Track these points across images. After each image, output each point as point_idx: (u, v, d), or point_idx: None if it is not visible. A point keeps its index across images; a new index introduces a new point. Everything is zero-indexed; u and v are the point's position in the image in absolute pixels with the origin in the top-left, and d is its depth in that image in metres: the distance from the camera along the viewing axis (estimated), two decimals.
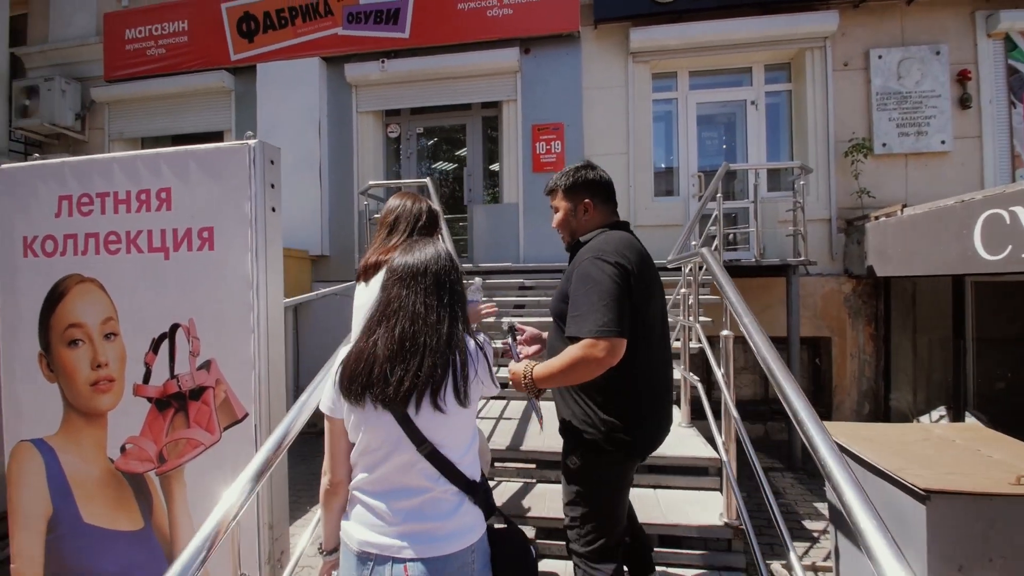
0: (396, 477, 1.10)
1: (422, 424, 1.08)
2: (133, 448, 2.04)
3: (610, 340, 1.34)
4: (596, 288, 1.39)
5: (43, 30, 7.19)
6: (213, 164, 1.91)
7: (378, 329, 1.12)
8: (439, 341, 1.09)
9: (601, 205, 1.66)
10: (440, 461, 1.10)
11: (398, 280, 1.14)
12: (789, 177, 5.52)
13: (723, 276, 1.86)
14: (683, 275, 2.76)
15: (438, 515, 1.10)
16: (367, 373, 1.08)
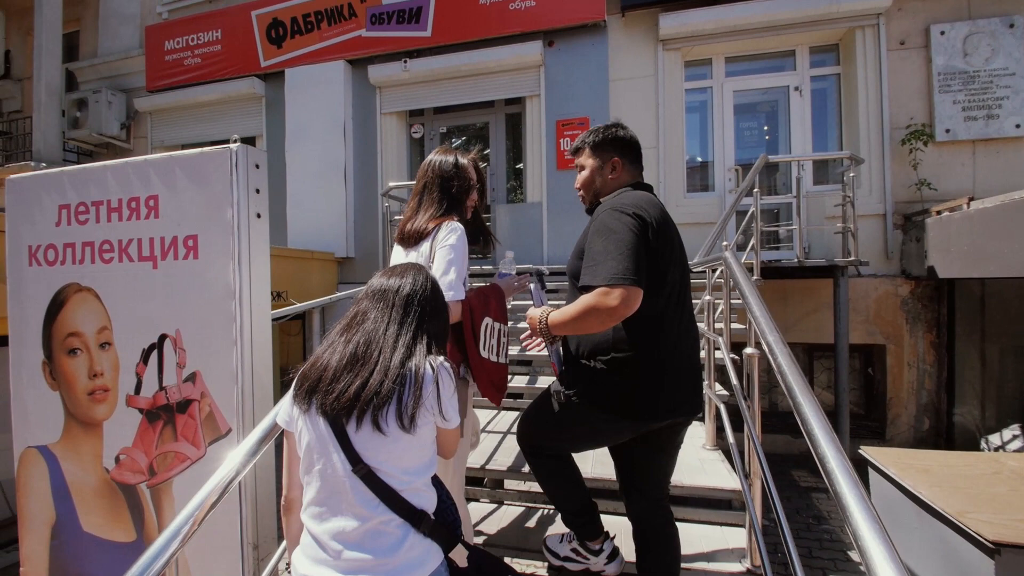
0: (334, 501, 1.03)
1: (359, 444, 1.02)
2: (126, 459, 2.01)
3: (625, 288, 1.27)
4: (613, 237, 1.33)
5: (93, 45, 7.60)
6: (196, 170, 1.84)
7: (339, 339, 1.11)
8: (392, 359, 1.05)
9: (629, 165, 1.61)
10: (378, 485, 1.02)
11: (369, 295, 1.16)
12: (838, 169, 5.06)
13: (747, 285, 1.63)
14: (708, 281, 2.50)
15: (381, 549, 1.00)
16: (316, 378, 1.06)
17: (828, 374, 5.21)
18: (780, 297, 4.90)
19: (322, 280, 5.97)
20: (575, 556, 1.78)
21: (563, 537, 1.87)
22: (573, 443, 1.66)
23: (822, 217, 4.92)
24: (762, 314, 1.46)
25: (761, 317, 1.44)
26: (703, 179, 5.76)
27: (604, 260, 1.32)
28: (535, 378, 3.36)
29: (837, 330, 4.32)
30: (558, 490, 1.72)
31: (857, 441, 4.74)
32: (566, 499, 1.74)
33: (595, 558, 1.74)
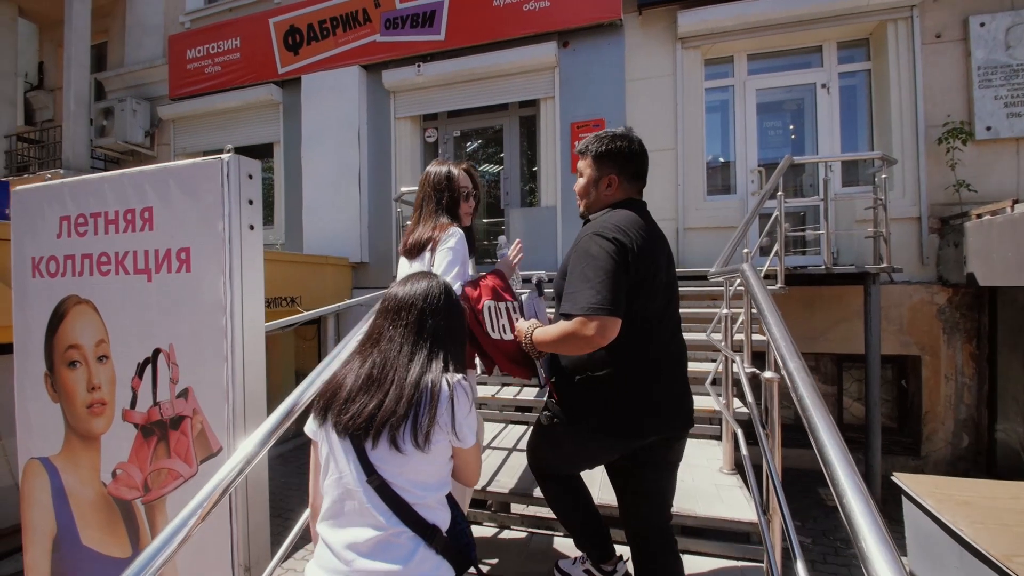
0: (348, 511, 1.06)
1: (374, 457, 1.05)
2: (122, 474, 1.98)
3: (600, 319, 1.29)
4: (592, 264, 1.35)
5: (120, 55, 7.81)
6: (188, 182, 1.80)
7: (356, 358, 1.14)
8: (408, 378, 1.06)
9: (627, 183, 1.57)
10: (390, 497, 1.04)
11: (383, 312, 1.17)
12: (868, 170, 4.81)
13: (766, 302, 1.49)
14: (725, 293, 2.35)
15: (391, 560, 1.01)
16: (332, 396, 1.09)
17: (858, 385, 4.95)
18: (806, 305, 4.67)
19: (336, 285, 5.98)
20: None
21: (575, 560, 1.85)
22: (571, 463, 1.64)
23: (852, 221, 4.67)
24: (782, 335, 1.32)
25: (781, 339, 1.31)
26: (724, 181, 5.55)
27: (582, 288, 1.33)
28: (544, 391, 3.24)
29: (868, 340, 4.09)
30: (569, 513, 1.72)
31: (889, 458, 4.49)
32: (577, 522, 1.72)
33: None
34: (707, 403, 2.67)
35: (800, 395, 1.12)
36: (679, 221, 5.17)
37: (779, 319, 1.37)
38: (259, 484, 1.87)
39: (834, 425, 1.01)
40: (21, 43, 8.07)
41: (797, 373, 1.18)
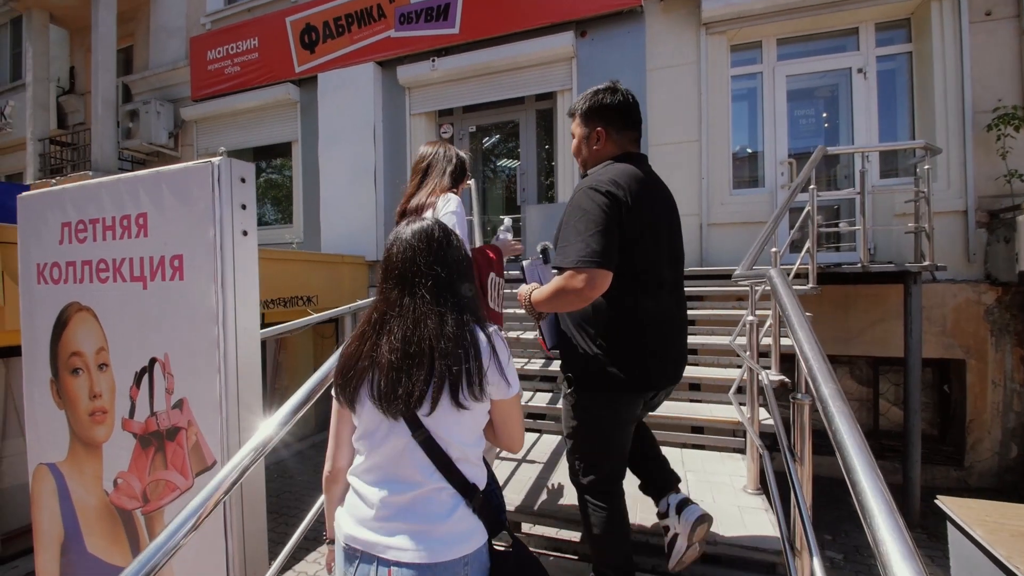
0: (389, 465, 1.03)
1: (424, 417, 1.00)
2: (123, 483, 1.96)
3: (589, 272, 1.31)
4: (584, 218, 1.35)
5: (145, 58, 7.97)
6: (180, 187, 1.74)
7: (373, 334, 1.04)
8: (445, 341, 1.00)
9: (615, 134, 1.55)
10: (436, 452, 1.01)
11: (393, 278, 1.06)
12: (909, 160, 4.48)
13: (796, 313, 1.33)
14: (751, 297, 2.17)
15: (430, 516, 1.00)
16: (369, 383, 1.01)
17: (896, 389, 4.66)
18: (840, 305, 4.40)
19: (353, 284, 5.96)
20: None
21: None
22: (610, 442, 1.56)
23: (890, 215, 4.37)
24: (814, 354, 1.17)
25: (813, 359, 1.15)
26: (752, 174, 5.29)
27: (574, 241, 1.34)
28: (558, 395, 3.12)
29: (908, 343, 3.82)
30: (603, 537, 1.58)
31: (930, 468, 4.21)
32: (609, 550, 1.59)
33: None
34: (730, 413, 2.51)
35: (835, 428, 0.97)
36: (703, 216, 4.94)
37: (810, 334, 1.21)
38: (255, 492, 1.81)
39: (878, 473, 0.86)
40: (53, 49, 8.31)
41: (832, 401, 1.03)
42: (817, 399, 1.08)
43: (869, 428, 4.67)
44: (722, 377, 2.82)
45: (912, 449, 3.80)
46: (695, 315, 3.57)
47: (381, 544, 0.98)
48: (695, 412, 2.71)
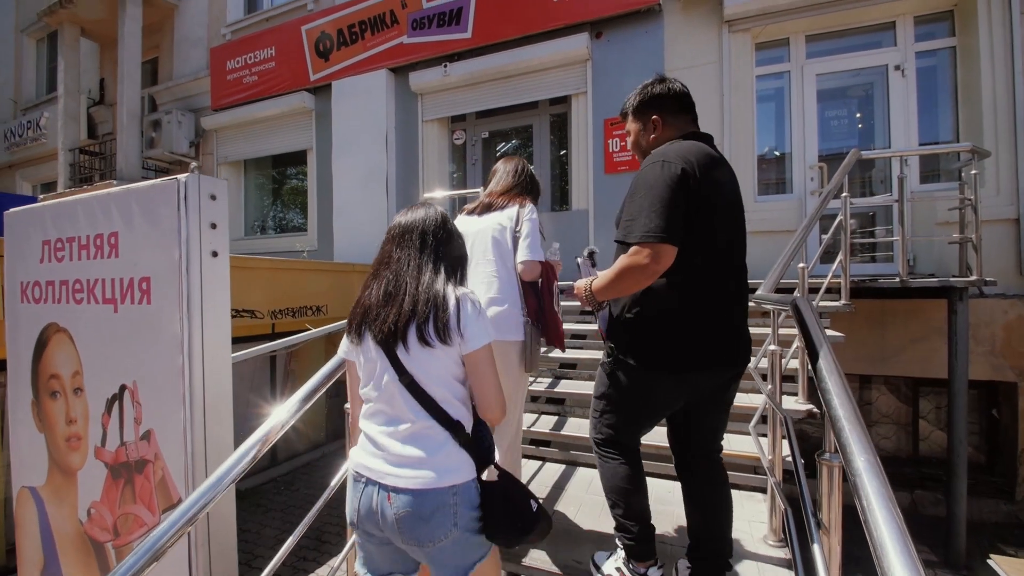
0: (385, 407, 1.22)
1: (404, 359, 1.18)
2: (95, 514, 1.87)
3: (653, 246, 1.31)
4: (649, 193, 1.35)
5: (169, 69, 8.14)
6: (149, 205, 1.64)
7: (373, 281, 1.28)
8: (419, 287, 1.20)
9: (671, 118, 1.56)
10: (420, 394, 1.18)
11: (391, 239, 1.30)
12: (953, 164, 4.13)
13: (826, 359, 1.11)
14: (773, 321, 1.94)
15: (423, 449, 1.16)
16: (363, 315, 1.24)
17: (939, 412, 4.29)
18: (877, 321, 4.07)
19: None
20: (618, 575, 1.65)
21: (609, 554, 1.75)
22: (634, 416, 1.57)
23: (932, 224, 4.03)
24: (847, 414, 0.95)
25: (846, 421, 0.94)
26: (779, 178, 4.99)
27: (638, 216, 1.34)
28: (565, 420, 2.94)
29: (952, 364, 3.48)
30: (621, 493, 1.60)
31: (976, 501, 3.84)
32: (627, 505, 1.60)
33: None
34: (750, 447, 2.28)
35: (872, 521, 0.77)
36: None
37: (843, 388, 1.00)
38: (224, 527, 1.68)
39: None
40: (84, 62, 8.57)
41: (869, 480, 0.82)
42: (850, 472, 0.88)
43: (908, 454, 4.31)
44: (743, 404, 2.58)
45: (957, 481, 3.45)
46: None
47: (382, 471, 1.17)
48: None
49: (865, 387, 4.54)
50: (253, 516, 4.21)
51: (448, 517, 1.13)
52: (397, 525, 1.13)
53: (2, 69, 10.30)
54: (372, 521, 1.17)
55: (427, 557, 1.18)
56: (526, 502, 1.24)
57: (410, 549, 1.17)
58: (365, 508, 1.18)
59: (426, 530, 1.12)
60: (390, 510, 1.13)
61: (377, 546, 1.22)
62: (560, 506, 2.25)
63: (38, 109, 9.47)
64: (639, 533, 1.58)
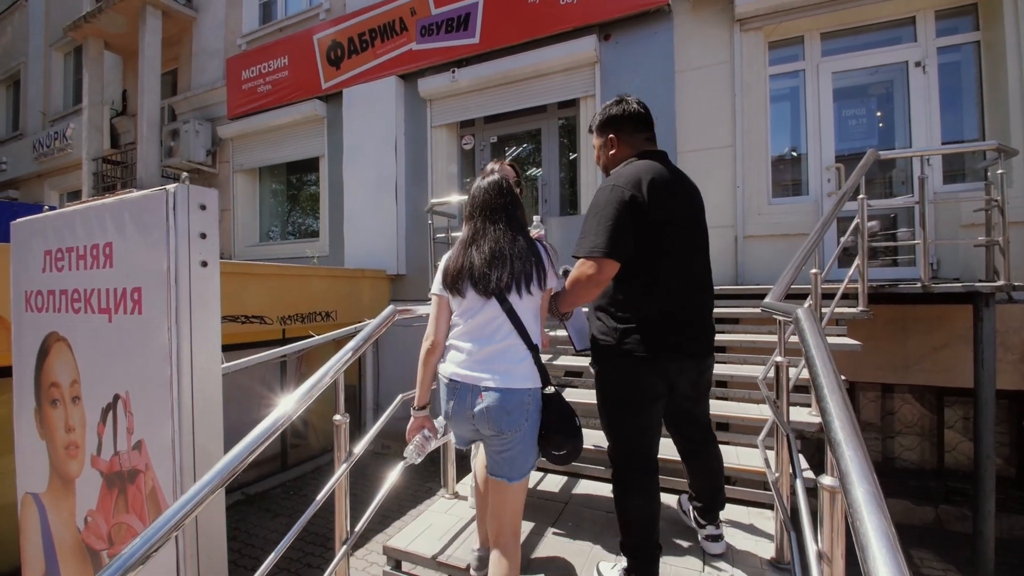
0: (481, 330, 1.51)
1: (512, 299, 1.50)
2: (92, 522, 1.88)
3: (597, 260, 1.52)
4: (598, 214, 1.55)
5: (188, 80, 8.33)
6: (140, 214, 1.64)
7: (471, 248, 1.55)
8: (520, 250, 1.52)
9: (627, 137, 1.73)
10: (515, 320, 1.50)
11: (477, 216, 1.59)
12: (978, 163, 3.96)
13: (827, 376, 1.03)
14: (780, 333, 1.85)
15: (510, 360, 1.49)
16: (468, 276, 1.52)
17: (966, 422, 4.09)
18: (898, 327, 3.91)
19: (373, 298, 5.92)
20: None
21: (614, 564, 1.77)
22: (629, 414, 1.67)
23: (956, 226, 3.86)
24: (848, 436, 0.88)
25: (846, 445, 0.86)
26: (794, 180, 4.85)
27: (587, 234, 1.55)
28: None
29: (979, 373, 3.31)
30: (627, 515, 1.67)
31: (1005, 517, 3.65)
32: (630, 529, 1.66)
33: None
34: (757, 461, 2.18)
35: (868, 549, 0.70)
36: (738, 228, 4.56)
37: (844, 408, 0.92)
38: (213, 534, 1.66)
39: None
40: (108, 74, 8.84)
41: (867, 509, 0.75)
42: (848, 502, 0.81)
43: (932, 467, 4.12)
44: (754, 416, 2.48)
45: (985, 496, 3.27)
46: (726, 341, 3.22)
47: (477, 376, 1.48)
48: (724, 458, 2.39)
49: (887, 396, 4.36)
50: (262, 521, 4.23)
51: (523, 413, 1.47)
52: (487, 414, 1.45)
53: (33, 84, 10.69)
54: (463, 415, 1.50)
55: (503, 446, 1.49)
56: (573, 414, 1.57)
57: (492, 439, 1.50)
58: (460, 406, 1.50)
59: (508, 420, 1.45)
60: (481, 404, 1.46)
61: (467, 432, 1.57)
62: (560, 522, 2.18)
63: (64, 120, 9.80)
64: (646, 555, 1.61)
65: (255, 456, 1.32)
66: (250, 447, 1.31)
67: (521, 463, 1.50)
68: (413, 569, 2.02)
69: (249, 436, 1.33)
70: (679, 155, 4.65)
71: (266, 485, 4.87)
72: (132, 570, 0.99)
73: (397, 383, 5.82)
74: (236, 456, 1.28)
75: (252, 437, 1.32)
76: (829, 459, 1.03)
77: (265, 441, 1.33)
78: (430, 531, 2.09)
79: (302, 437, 5.52)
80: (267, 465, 5.00)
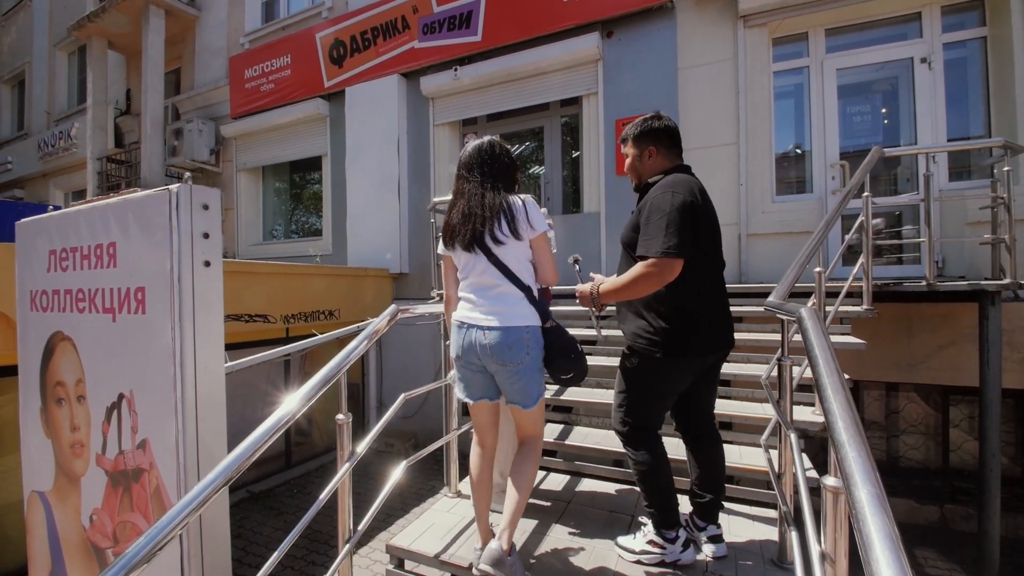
0: (479, 280, 1.75)
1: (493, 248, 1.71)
2: (97, 520, 1.89)
3: (669, 260, 1.61)
4: (665, 216, 1.64)
5: (191, 79, 8.35)
6: (143, 215, 1.65)
7: (454, 209, 1.79)
8: (483, 206, 1.71)
9: (664, 151, 1.89)
10: (502, 267, 1.71)
11: (459, 176, 1.81)
12: (984, 161, 3.93)
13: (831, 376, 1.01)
14: (783, 333, 1.83)
15: (505, 303, 1.71)
16: (451, 232, 1.77)
17: (971, 421, 4.07)
18: (903, 326, 3.89)
19: (376, 297, 5.93)
20: (651, 548, 1.83)
21: (635, 535, 1.91)
22: (654, 400, 1.84)
23: (962, 224, 3.83)
24: (851, 438, 0.87)
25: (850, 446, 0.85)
26: (798, 177, 4.82)
27: (656, 235, 1.64)
28: (571, 429, 2.87)
29: (984, 372, 3.29)
30: (650, 474, 1.82)
31: (1011, 517, 3.63)
32: (660, 485, 1.82)
33: (671, 547, 1.81)
34: (760, 460, 2.17)
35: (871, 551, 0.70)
36: (741, 227, 4.54)
37: (848, 408, 0.92)
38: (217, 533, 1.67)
39: None
40: (112, 73, 8.87)
41: (870, 510, 0.75)
42: (851, 504, 0.80)
43: (937, 466, 4.10)
44: (758, 416, 2.47)
45: (990, 497, 3.26)
46: None
47: (480, 318, 1.71)
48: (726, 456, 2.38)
49: (892, 394, 4.34)
50: (266, 519, 4.25)
51: (523, 347, 1.68)
52: (491, 350, 1.67)
53: (38, 83, 10.73)
54: (472, 352, 1.72)
55: (510, 378, 1.71)
56: (573, 343, 1.76)
57: (498, 371, 1.71)
58: (468, 344, 1.72)
59: (510, 354, 1.67)
60: (484, 341, 1.67)
61: (473, 374, 1.77)
62: (563, 520, 2.19)
63: (69, 120, 9.84)
64: (668, 503, 1.82)
65: (258, 455, 1.33)
66: (253, 446, 1.32)
67: (531, 390, 1.73)
68: (416, 568, 2.02)
69: (252, 436, 1.33)
70: (683, 153, 4.62)
71: (271, 483, 4.90)
72: (136, 568, 1.00)
73: (401, 380, 5.83)
74: (239, 455, 1.28)
75: (255, 437, 1.33)
76: (832, 459, 1.03)
77: (268, 441, 1.33)
78: (433, 530, 2.10)
79: (306, 435, 5.54)
80: (271, 463, 5.02)
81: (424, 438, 5.58)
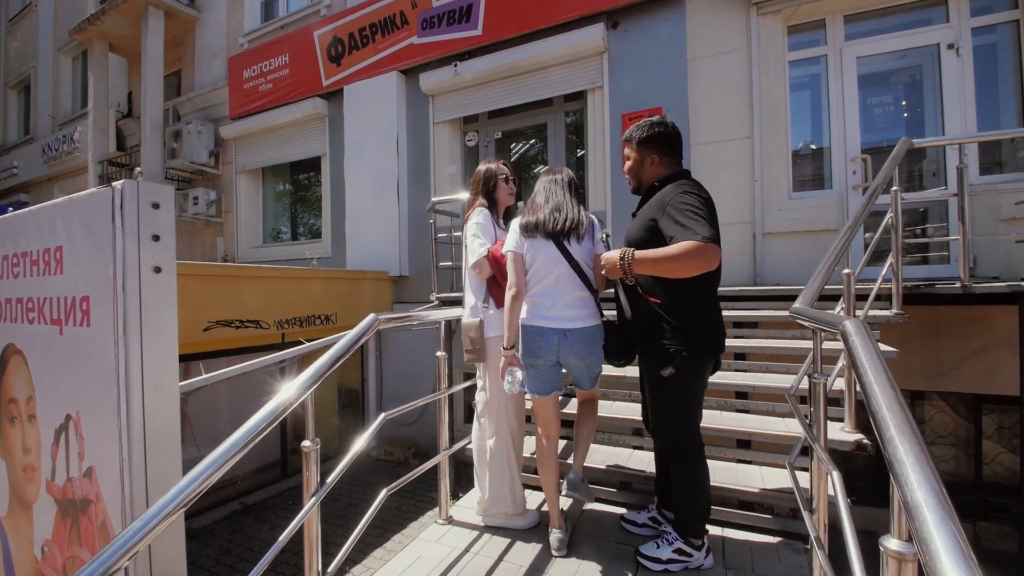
0: (555, 284, 1.95)
1: (570, 250, 1.95)
2: (48, 552, 1.72)
3: (717, 248, 1.59)
4: (702, 209, 1.65)
5: (191, 80, 8.25)
6: (88, 216, 1.47)
7: (544, 206, 2.01)
8: (575, 208, 2.00)
9: (666, 158, 1.92)
10: (580, 273, 1.95)
11: (550, 182, 2.08)
12: (1019, 152, 3.65)
13: (892, 406, 0.80)
14: (815, 346, 1.59)
15: (584, 307, 1.97)
16: (536, 222, 1.97)
17: (1003, 433, 3.79)
18: (931, 330, 3.63)
19: (375, 300, 5.75)
20: (679, 556, 1.84)
21: (658, 544, 1.90)
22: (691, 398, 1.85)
23: (995, 220, 3.56)
24: (930, 499, 0.65)
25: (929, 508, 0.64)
26: (816, 173, 4.57)
27: (700, 224, 1.59)
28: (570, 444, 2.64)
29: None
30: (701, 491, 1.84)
31: None
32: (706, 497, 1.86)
33: (698, 553, 1.84)
34: (786, 482, 1.95)
35: None
36: (756, 225, 4.29)
37: (924, 459, 0.71)
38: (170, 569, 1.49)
39: None
40: (113, 77, 8.82)
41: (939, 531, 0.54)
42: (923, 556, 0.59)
43: (970, 479, 3.82)
44: (779, 433, 2.24)
45: None
46: (745, 347, 2.97)
47: (561, 321, 1.92)
48: (744, 481, 2.15)
49: (918, 403, 4.07)
50: (258, 533, 4.08)
51: (598, 340, 1.97)
52: (572, 348, 1.90)
53: (43, 88, 10.74)
54: (551, 352, 1.92)
55: (586, 368, 1.98)
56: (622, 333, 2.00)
57: (577, 364, 1.95)
58: (547, 345, 1.92)
59: (590, 348, 1.94)
60: (567, 342, 1.90)
61: (546, 369, 1.96)
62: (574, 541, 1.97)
63: (72, 124, 9.81)
64: (707, 513, 1.88)
65: (208, 485, 1.14)
66: (198, 477, 1.13)
67: (596, 373, 2.04)
68: None
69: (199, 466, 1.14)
70: (692, 148, 4.40)
71: (265, 494, 4.72)
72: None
73: (402, 384, 5.65)
74: (183, 487, 1.09)
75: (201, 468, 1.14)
76: (897, 521, 0.81)
77: (217, 471, 1.14)
78: (420, 564, 1.89)
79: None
80: (266, 473, 4.85)
81: (424, 446, 5.39)
